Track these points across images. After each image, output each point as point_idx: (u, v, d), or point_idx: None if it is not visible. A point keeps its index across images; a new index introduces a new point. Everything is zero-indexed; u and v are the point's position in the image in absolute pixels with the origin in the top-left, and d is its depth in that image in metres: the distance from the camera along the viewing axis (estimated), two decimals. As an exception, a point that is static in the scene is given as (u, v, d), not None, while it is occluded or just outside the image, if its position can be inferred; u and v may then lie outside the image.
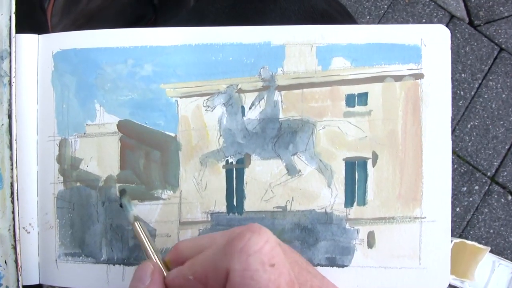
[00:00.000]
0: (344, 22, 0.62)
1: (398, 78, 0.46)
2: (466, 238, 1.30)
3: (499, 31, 1.41)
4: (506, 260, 1.24)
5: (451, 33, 0.47)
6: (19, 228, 0.45)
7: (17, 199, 0.45)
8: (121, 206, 0.44)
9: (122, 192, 0.45)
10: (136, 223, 0.41)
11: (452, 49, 0.47)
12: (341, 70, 0.46)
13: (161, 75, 0.46)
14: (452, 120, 0.45)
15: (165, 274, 0.37)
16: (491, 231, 1.34)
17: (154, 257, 0.39)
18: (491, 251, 1.19)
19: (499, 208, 1.35)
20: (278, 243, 0.33)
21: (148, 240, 0.40)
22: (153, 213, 0.46)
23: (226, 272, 0.31)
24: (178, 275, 0.35)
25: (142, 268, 0.37)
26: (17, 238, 0.45)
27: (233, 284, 0.30)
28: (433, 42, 0.46)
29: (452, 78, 0.47)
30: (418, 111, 0.46)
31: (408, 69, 0.46)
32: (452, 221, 0.46)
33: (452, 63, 0.47)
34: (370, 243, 0.46)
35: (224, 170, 0.46)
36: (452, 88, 0.45)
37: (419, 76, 0.46)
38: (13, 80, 0.45)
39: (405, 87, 0.46)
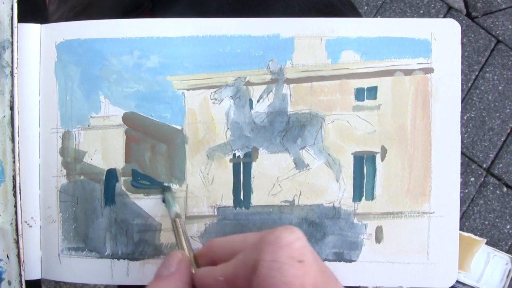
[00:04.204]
0: (348, 13, 0.62)
1: (408, 72, 0.46)
2: (462, 230, 1.31)
3: (497, 23, 1.41)
4: (500, 251, 1.25)
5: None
6: (21, 222, 0.44)
7: (20, 193, 0.44)
8: (163, 201, 0.44)
9: (167, 188, 0.45)
10: (176, 219, 0.42)
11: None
12: (351, 63, 0.45)
13: (167, 67, 0.45)
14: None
15: (193, 270, 0.37)
16: (486, 222, 1.35)
17: (185, 250, 0.39)
18: (486, 243, 1.20)
19: (495, 199, 1.36)
20: (310, 247, 0.33)
21: (184, 236, 0.41)
22: (158, 207, 0.46)
23: (255, 264, 0.31)
24: (208, 274, 0.35)
25: (170, 255, 0.37)
26: (20, 232, 0.44)
27: (260, 274, 0.30)
28: (443, 36, 0.46)
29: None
30: (427, 106, 0.46)
31: (418, 63, 0.46)
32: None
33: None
34: (378, 238, 0.46)
35: (231, 164, 0.46)
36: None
37: (429, 70, 0.46)
38: (15, 70, 0.44)
39: (414, 81, 0.46)
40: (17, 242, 0.44)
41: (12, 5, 0.44)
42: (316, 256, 0.34)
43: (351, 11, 0.64)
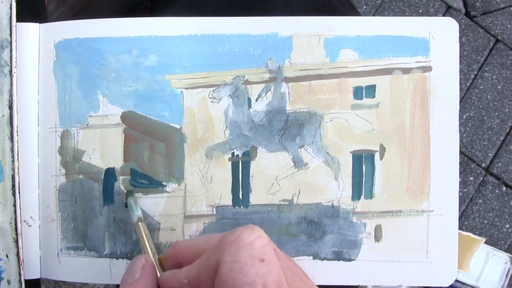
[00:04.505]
0: (347, 12, 0.62)
1: (406, 70, 0.46)
2: (461, 229, 1.31)
3: (495, 22, 1.41)
4: (500, 250, 1.25)
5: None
6: (20, 222, 0.44)
7: (19, 192, 0.44)
8: (126, 205, 0.44)
9: (129, 192, 0.45)
10: (139, 224, 0.42)
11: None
12: (349, 62, 0.45)
13: (166, 66, 0.45)
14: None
15: (159, 273, 0.37)
16: (485, 221, 1.35)
17: (149, 254, 0.39)
18: (485, 242, 1.20)
19: (494, 199, 1.36)
20: (271, 245, 0.33)
21: (147, 240, 0.40)
22: (157, 207, 0.46)
23: (217, 266, 0.31)
24: (173, 278, 0.35)
25: (133, 261, 0.37)
26: (19, 231, 0.44)
27: (221, 276, 0.30)
28: (442, 35, 0.46)
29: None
30: (426, 104, 0.46)
31: (416, 62, 0.46)
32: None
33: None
34: (377, 237, 0.46)
35: (230, 162, 0.46)
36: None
37: (427, 68, 0.46)
38: (14, 70, 0.44)
39: (413, 80, 0.46)
40: (16, 242, 0.44)
41: (11, 4, 0.44)
42: (280, 253, 0.34)
43: (350, 10, 0.64)
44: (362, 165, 0.46)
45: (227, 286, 0.30)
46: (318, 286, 0.36)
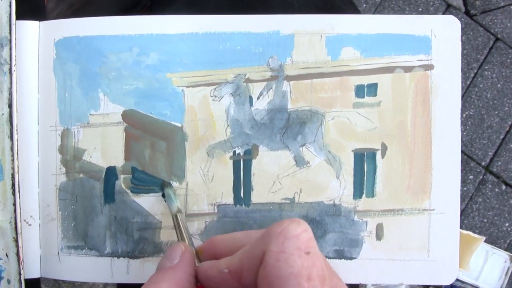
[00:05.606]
0: (347, 10, 0.62)
1: (408, 69, 0.45)
2: (460, 227, 1.31)
3: (495, 20, 1.41)
4: (499, 249, 1.25)
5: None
6: (20, 221, 0.44)
7: (19, 191, 0.44)
8: (163, 196, 0.44)
9: (167, 183, 0.45)
10: (177, 215, 0.42)
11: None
12: (351, 60, 0.45)
13: (167, 64, 0.45)
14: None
15: (196, 263, 0.37)
16: (485, 220, 1.35)
17: (190, 244, 0.39)
18: (484, 241, 1.20)
19: (493, 197, 1.36)
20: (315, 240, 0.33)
21: (186, 231, 0.41)
22: (158, 205, 0.45)
23: (262, 256, 0.31)
24: (212, 267, 0.35)
25: (173, 247, 0.37)
26: (19, 230, 0.44)
27: (267, 265, 0.30)
28: (443, 33, 0.46)
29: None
30: (427, 102, 0.45)
31: (418, 60, 0.45)
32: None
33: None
34: (379, 235, 0.46)
35: (231, 161, 0.46)
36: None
37: (429, 67, 0.45)
38: (13, 68, 0.43)
39: (414, 78, 0.45)
40: (16, 241, 0.44)
41: (10, 2, 0.44)
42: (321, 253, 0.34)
43: (350, 8, 0.64)
44: (364, 163, 0.46)
45: (271, 276, 0.30)
46: None
